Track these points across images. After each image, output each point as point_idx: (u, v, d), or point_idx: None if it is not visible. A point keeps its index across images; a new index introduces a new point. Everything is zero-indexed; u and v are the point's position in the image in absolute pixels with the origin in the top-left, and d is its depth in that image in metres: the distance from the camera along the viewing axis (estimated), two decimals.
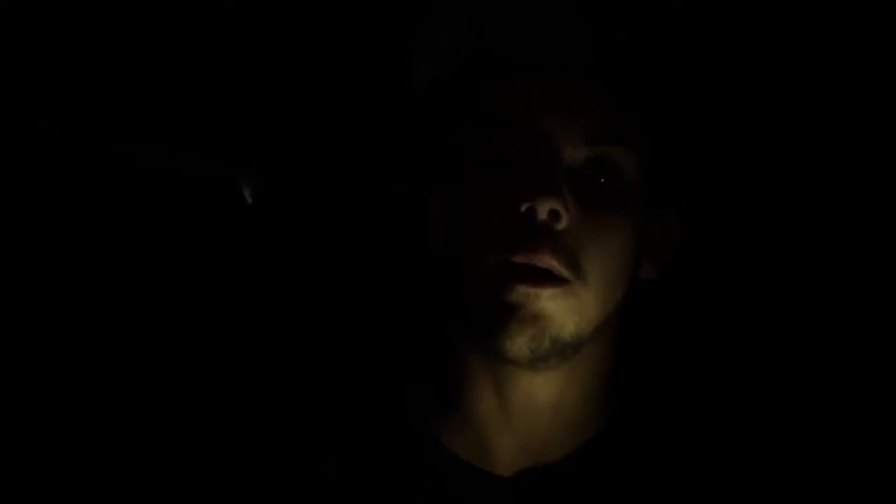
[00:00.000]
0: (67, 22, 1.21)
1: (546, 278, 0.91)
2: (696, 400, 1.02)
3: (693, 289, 1.13)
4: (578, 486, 0.97)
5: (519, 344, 0.92)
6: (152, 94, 1.22)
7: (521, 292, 0.91)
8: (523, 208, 0.90)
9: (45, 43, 1.21)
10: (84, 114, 1.22)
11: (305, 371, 1.14)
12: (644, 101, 0.96)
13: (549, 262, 0.91)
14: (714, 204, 1.14)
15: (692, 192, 1.05)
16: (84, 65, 1.22)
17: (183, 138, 1.22)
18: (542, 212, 0.90)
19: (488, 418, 0.98)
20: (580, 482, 0.97)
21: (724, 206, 1.15)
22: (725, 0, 1.10)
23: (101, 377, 1.21)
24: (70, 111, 1.22)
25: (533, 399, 0.97)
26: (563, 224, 0.91)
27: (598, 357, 0.99)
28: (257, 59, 1.22)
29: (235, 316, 1.22)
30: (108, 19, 1.21)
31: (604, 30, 0.95)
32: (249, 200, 1.22)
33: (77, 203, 1.23)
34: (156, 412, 1.19)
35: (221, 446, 1.04)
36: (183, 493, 1.05)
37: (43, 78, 1.21)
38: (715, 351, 1.14)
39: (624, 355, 1.02)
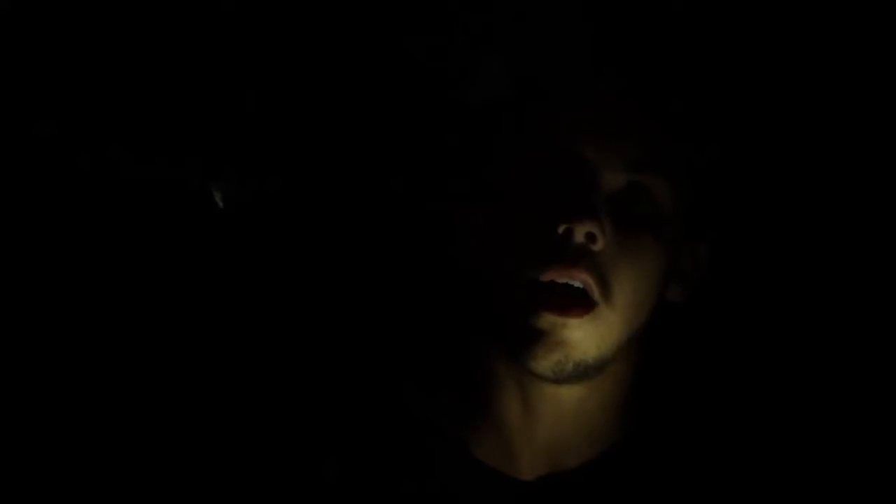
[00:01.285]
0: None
1: (574, 304, 0.94)
2: (714, 412, 1.06)
3: (714, 305, 1.15)
4: (596, 492, 1.01)
5: (543, 366, 0.95)
6: (130, 102, 1.22)
7: (549, 320, 0.94)
8: (561, 230, 0.93)
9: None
10: (73, 119, 1.22)
11: (334, 378, 1.15)
12: (684, 133, 1.00)
13: (584, 277, 0.94)
14: (738, 227, 1.16)
15: (723, 221, 1.09)
16: (73, 72, 1.21)
17: (157, 145, 1.22)
18: (580, 234, 0.93)
19: (514, 426, 1.02)
20: (598, 488, 1.01)
21: (746, 228, 1.17)
22: (763, 37, 1.12)
23: (97, 377, 1.21)
24: (62, 115, 1.22)
25: (556, 407, 1.00)
26: (599, 246, 0.94)
27: (621, 371, 1.02)
28: (240, 63, 1.22)
29: (245, 324, 1.23)
30: (75, 30, 1.20)
31: (649, 63, 0.99)
32: (221, 205, 1.22)
33: (68, 205, 1.23)
34: (159, 412, 1.20)
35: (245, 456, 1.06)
36: (197, 493, 1.08)
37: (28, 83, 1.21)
38: (733, 365, 1.17)
39: (646, 368, 1.05)
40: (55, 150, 1.22)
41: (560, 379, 0.96)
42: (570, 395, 1.00)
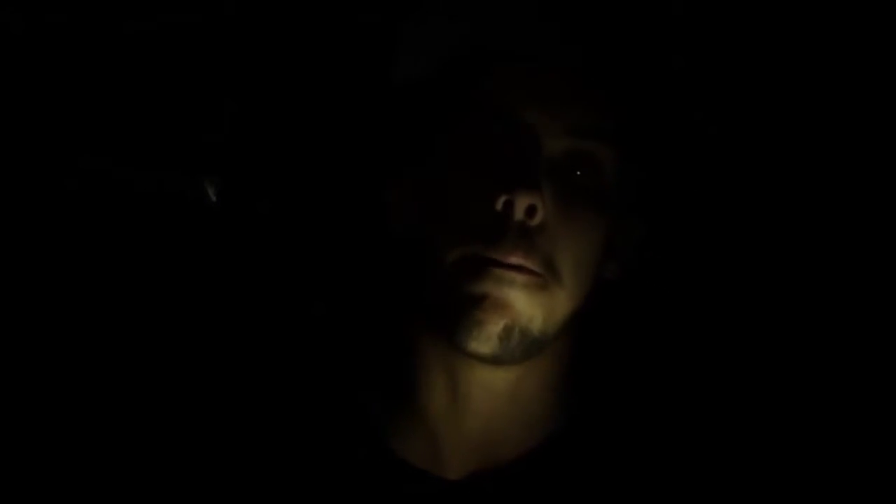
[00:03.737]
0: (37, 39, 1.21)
1: (520, 269, 0.90)
2: (656, 395, 1.01)
3: (651, 284, 1.12)
4: (532, 487, 0.95)
5: (487, 334, 0.90)
6: (112, 106, 1.21)
7: (495, 275, 0.89)
8: (500, 204, 0.89)
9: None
10: (47, 126, 1.22)
11: (255, 376, 1.11)
12: (628, 100, 0.95)
13: (523, 262, 0.90)
14: (678, 206, 1.13)
15: (662, 196, 1.05)
16: (54, 81, 1.21)
17: (144, 148, 1.22)
18: (520, 209, 0.89)
19: (440, 418, 0.96)
20: (534, 483, 0.95)
21: (686, 207, 1.15)
22: (716, 6, 1.09)
23: (66, 385, 1.20)
24: (34, 123, 1.22)
25: (490, 393, 0.95)
26: (538, 219, 0.90)
27: (558, 352, 0.97)
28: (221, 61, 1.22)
29: (186, 320, 1.21)
30: (67, 36, 1.20)
31: (592, 27, 0.94)
32: (213, 198, 1.21)
33: (44, 213, 1.23)
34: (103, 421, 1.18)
35: (164, 447, 1.03)
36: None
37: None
38: (675, 346, 1.13)
39: (583, 351, 1.01)
40: (25, 163, 1.21)
41: (504, 354, 0.90)
42: (505, 378, 0.95)
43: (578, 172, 0.93)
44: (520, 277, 0.90)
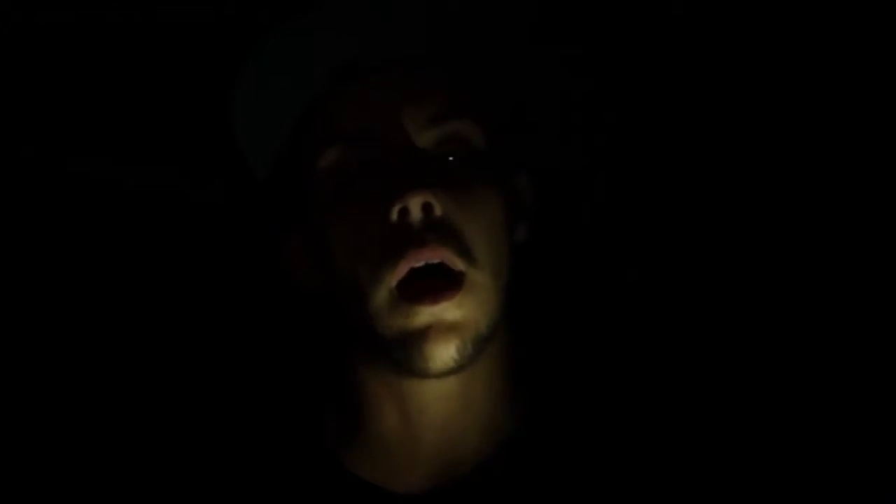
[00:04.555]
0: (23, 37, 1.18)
1: (442, 286, 0.88)
2: (605, 392, 1.00)
3: (588, 277, 1.15)
4: (491, 496, 0.93)
5: (444, 359, 0.89)
6: (112, 108, 1.20)
7: (427, 313, 0.88)
8: (395, 214, 0.88)
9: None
10: (42, 129, 1.20)
11: (210, 401, 1.12)
12: (475, 77, 0.96)
13: (442, 253, 0.88)
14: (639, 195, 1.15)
15: (543, 154, 1.07)
16: (41, 80, 1.19)
17: (142, 151, 1.20)
18: (416, 209, 0.88)
19: (393, 436, 0.95)
20: (493, 492, 0.93)
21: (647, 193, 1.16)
22: None
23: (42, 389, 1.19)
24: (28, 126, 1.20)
25: (445, 401, 0.94)
26: (438, 212, 0.89)
27: (498, 342, 0.95)
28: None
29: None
30: (63, 35, 1.18)
31: (421, 22, 0.94)
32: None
33: (36, 217, 1.21)
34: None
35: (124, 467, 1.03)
36: None
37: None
38: (619, 339, 1.14)
39: (521, 340, 1.00)
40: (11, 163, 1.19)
41: (463, 364, 0.89)
42: (453, 386, 0.93)
43: (453, 155, 0.93)
44: (450, 302, 0.88)
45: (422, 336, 0.88)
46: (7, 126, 1.20)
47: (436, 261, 0.88)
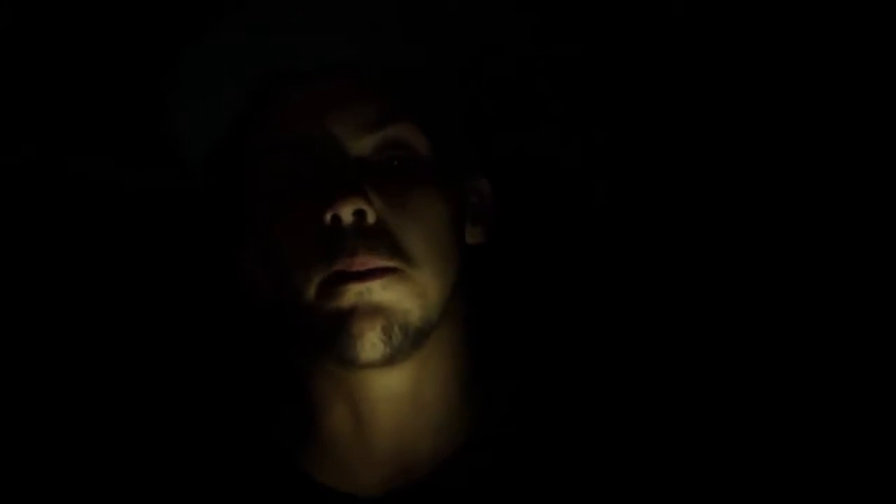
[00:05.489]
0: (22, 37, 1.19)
1: (371, 273, 0.89)
2: (560, 392, 0.99)
3: (547, 276, 1.14)
4: (448, 500, 0.93)
5: (371, 342, 0.88)
6: (108, 107, 1.21)
7: (352, 292, 0.88)
8: (328, 219, 0.88)
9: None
10: (41, 130, 1.21)
11: (164, 408, 1.13)
12: (410, 81, 0.95)
13: (370, 262, 0.89)
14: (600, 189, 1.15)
15: (495, 154, 1.07)
16: (39, 80, 1.20)
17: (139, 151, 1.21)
18: (347, 216, 0.88)
19: (345, 438, 0.95)
20: (449, 495, 0.93)
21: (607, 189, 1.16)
22: None
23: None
24: (28, 127, 1.21)
25: (391, 399, 0.94)
26: (370, 219, 0.89)
27: (449, 342, 0.96)
28: None
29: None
30: (59, 35, 1.19)
31: (355, 26, 0.94)
32: None
33: (36, 217, 1.22)
34: None
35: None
36: None
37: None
38: (570, 338, 1.13)
39: (476, 342, 0.99)
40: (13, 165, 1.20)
41: (393, 352, 0.89)
42: (401, 382, 0.93)
43: (395, 162, 0.93)
44: (376, 281, 0.88)
45: (349, 316, 0.88)
46: (7, 126, 1.20)
47: (364, 270, 0.89)
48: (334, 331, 0.89)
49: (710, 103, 1.18)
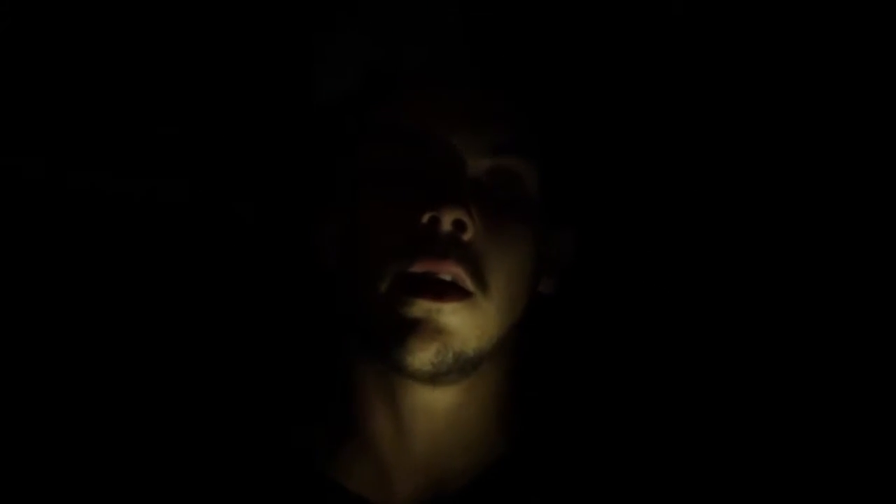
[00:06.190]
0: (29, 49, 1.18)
1: (448, 291, 0.89)
2: (598, 417, 1.00)
3: (589, 304, 1.13)
4: None
5: (421, 359, 0.89)
6: (116, 121, 1.20)
7: (423, 307, 0.88)
8: (426, 219, 0.88)
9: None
10: (48, 144, 1.20)
11: (199, 405, 1.12)
12: (541, 114, 0.96)
13: (455, 270, 0.89)
14: (609, 218, 1.15)
15: (588, 207, 1.06)
16: (49, 92, 1.19)
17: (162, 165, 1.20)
18: (447, 222, 0.88)
19: (384, 445, 0.95)
20: None
21: (618, 219, 1.16)
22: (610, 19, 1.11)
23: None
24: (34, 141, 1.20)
25: (430, 416, 0.94)
26: (468, 235, 0.89)
27: (497, 372, 0.96)
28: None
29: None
30: (71, 44, 1.18)
31: (499, 46, 0.95)
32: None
33: (39, 231, 1.21)
34: None
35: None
36: None
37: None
38: (615, 367, 1.13)
39: (524, 373, 1.00)
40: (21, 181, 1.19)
41: (439, 374, 0.89)
42: (444, 400, 0.93)
43: (502, 190, 0.93)
44: (449, 304, 0.88)
45: (411, 328, 0.88)
46: (10, 140, 1.19)
47: (448, 278, 0.89)
48: (391, 337, 0.89)
49: (709, 103, 1.17)
